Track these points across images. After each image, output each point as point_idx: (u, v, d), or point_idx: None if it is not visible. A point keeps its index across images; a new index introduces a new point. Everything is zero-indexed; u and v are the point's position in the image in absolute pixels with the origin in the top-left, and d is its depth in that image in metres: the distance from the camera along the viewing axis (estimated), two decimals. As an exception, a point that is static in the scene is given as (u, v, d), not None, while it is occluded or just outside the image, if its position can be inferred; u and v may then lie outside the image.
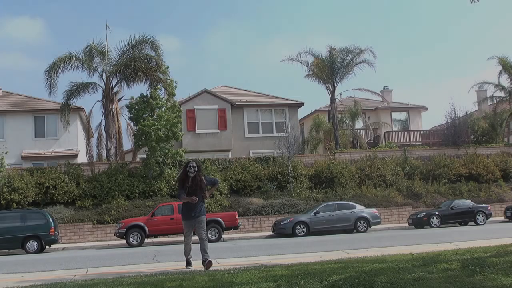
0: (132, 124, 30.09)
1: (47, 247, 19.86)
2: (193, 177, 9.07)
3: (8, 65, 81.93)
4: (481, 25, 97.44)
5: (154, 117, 26.63)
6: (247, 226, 24.95)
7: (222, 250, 14.34)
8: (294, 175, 28.03)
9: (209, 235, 20.51)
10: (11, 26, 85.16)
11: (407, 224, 24.61)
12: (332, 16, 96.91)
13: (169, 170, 27.09)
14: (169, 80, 28.31)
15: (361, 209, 22.87)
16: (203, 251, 8.83)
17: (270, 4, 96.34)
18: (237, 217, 21.59)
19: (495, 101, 36.83)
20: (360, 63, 33.33)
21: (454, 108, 35.26)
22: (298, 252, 12.04)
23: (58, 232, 19.97)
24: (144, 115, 26.81)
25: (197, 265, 9.06)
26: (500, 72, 35.03)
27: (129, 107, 27.77)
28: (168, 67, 28.68)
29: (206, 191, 9.28)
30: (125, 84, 29.71)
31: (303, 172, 28.38)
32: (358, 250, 11.37)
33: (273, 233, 22.30)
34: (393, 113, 40.12)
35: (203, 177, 9.29)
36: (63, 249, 20.56)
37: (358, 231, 21.91)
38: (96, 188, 26.00)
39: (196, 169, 9.11)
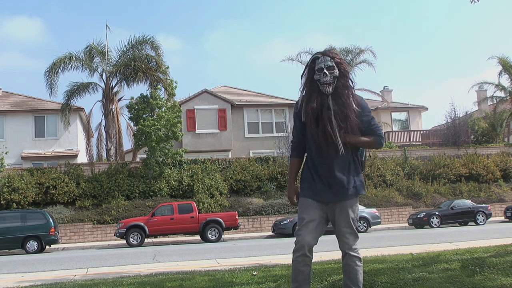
0: (132, 124, 30.12)
1: (47, 247, 19.88)
2: (332, 93, 3.69)
3: (8, 65, 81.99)
4: (481, 25, 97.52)
5: (154, 117, 26.65)
6: (247, 226, 24.97)
7: (222, 250, 14.36)
8: (294, 175, 28.03)
9: (209, 235, 20.54)
10: (9, 25, 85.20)
11: (407, 224, 24.62)
12: (332, 16, 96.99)
13: (169, 170, 27.11)
14: (169, 80, 28.33)
15: (361, 209, 22.80)
16: (353, 282, 3.80)
17: (269, 4, 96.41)
18: (237, 217, 21.60)
19: (495, 101, 36.84)
20: (360, 63, 33.38)
21: (454, 108, 35.36)
22: (298, 252, 12.02)
23: (58, 232, 19.98)
24: (144, 115, 26.83)
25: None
26: (500, 72, 35.05)
27: (129, 107, 27.79)
28: (168, 67, 28.76)
29: (352, 137, 3.69)
30: (125, 84, 29.79)
31: (303, 172, 28.39)
32: (358, 250, 11.34)
33: (273, 233, 22.32)
34: (393, 113, 40.13)
35: (353, 95, 3.76)
36: (63, 249, 20.57)
37: (358, 231, 21.82)
38: (96, 188, 26.01)
39: (337, 72, 3.68)
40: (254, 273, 6.88)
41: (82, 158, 31.69)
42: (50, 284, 7.40)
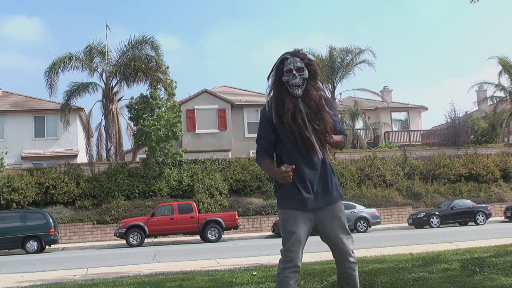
0: (132, 124, 30.13)
1: (47, 247, 19.88)
2: (302, 96, 3.49)
3: (8, 65, 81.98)
4: (481, 25, 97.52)
5: (154, 117, 26.65)
6: (247, 226, 24.97)
7: (222, 250, 14.36)
8: (294, 175, 28.05)
9: (209, 235, 20.54)
10: (9, 25, 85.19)
11: (407, 224, 24.62)
12: (332, 16, 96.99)
13: (169, 170, 27.11)
14: (169, 80, 28.34)
15: (361, 209, 22.87)
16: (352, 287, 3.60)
17: (269, 4, 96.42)
18: (237, 217, 21.59)
19: (495, 101, 36.86)
20: (360, 63, 33.41)
21: (454, 108, 35.42)
22: (298, 252, 12.01)
23: (58, 232, 19.98)
24: (144, 115, 26.83)
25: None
26: (500, 72, 35.06)
27: (129, 107, 27.79)
28: (168, 67, 28.79)
29: (330, 138, 3.49)
30: (125, 84, 29.83)
31: (303, 172, 28.40)
32: (358, 250, 11.32)
33: (273, 233, 22.31)
34: (393, 113, 40.12)
35: (325, 98, 3.58)
36: (63, 249, 20.57)
37: (358, 231, 21.92)
38: (96, 188, 26.01)
39: (306, 74, 3.51)
40: (254, 273, 6.88)
41: (82, 158, 31.69)
42: (50, 284, 7.40)
